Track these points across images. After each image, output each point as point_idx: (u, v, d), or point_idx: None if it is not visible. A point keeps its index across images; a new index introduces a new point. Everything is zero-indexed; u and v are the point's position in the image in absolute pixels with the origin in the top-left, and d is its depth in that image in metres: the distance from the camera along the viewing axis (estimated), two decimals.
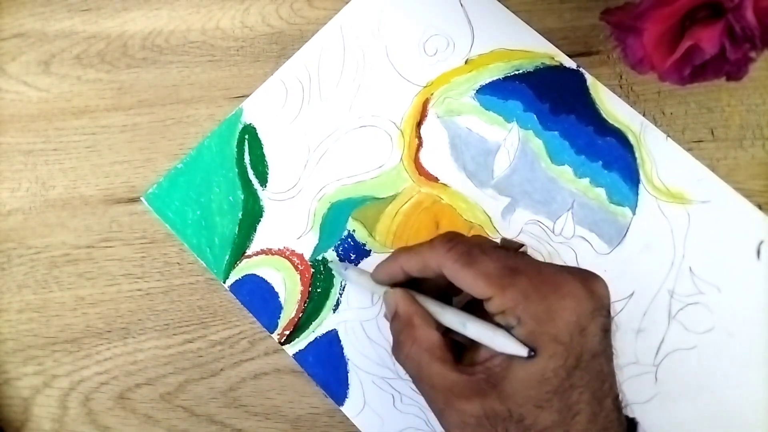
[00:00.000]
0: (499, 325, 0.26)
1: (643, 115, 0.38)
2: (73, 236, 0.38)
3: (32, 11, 0.41)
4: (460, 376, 0.26)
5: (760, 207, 0.37)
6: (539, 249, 0.37)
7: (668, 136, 0.38)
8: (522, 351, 0.25)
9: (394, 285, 0.31)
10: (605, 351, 0.26)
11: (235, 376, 0.36)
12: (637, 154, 0.38)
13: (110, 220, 0.38)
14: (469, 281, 0.26)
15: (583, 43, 0.40)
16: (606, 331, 0.26)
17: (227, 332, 0.37)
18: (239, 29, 0.41)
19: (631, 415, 0.29)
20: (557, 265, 0.28)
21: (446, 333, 0.29)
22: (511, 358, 0.25)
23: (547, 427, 0.25)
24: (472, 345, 0.28)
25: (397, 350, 0.29)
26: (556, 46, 0.40)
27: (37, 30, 0.41)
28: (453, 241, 0.28)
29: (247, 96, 0.40)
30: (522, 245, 0.30)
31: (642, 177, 0.38)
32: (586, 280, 0.27)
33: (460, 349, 0.29)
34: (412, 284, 0.30)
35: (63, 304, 0.37)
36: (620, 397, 0.27)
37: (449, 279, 0.27)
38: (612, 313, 0.27)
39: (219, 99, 0.40)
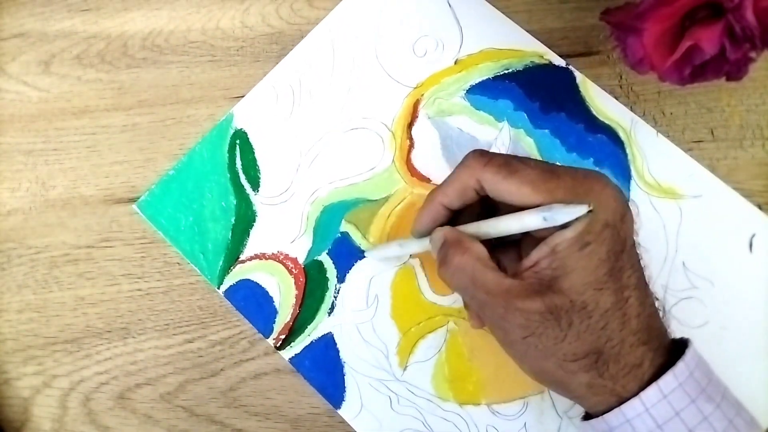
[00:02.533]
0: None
1: (643, 115, 0.38)
2: (73, 236, 0.38)
3: (32, 11, 0.41)
4: (514, 280, 0.27)
5: (760, 207, 0.37)
6: None
7: (668, 136, 0.38)
8: (582, 209, 0.25)
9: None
10: (637, 245, 0.28)
11: (235, 376, 0.36)
12: (627, 151, 0.38)
13: (110, 220, 0.38)
14: (514, 190, 0.27)
15: (583, 43, 0.40)
16: (633, 225, 0.28)
17: (227, 332, 0.37)
18: (239, 29, 0.41)
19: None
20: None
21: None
22: (562, 252, 0.26)
23: (608, 309, 0.26)
24: (512, 260, 0.30)
25: (445, 265, 0.28)
26: (556, 46, 0.40)
27: (37, 30, 0.41)
28: (487, 155, 0.28)
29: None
30: None
31: (633, 173, 0.38)
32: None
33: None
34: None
35: (63, 304, 0.37)
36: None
37: (491, 194, 0.28)
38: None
39: (219, 99, 0.40)
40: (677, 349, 0.28)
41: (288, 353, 0.36)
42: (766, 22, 0.28)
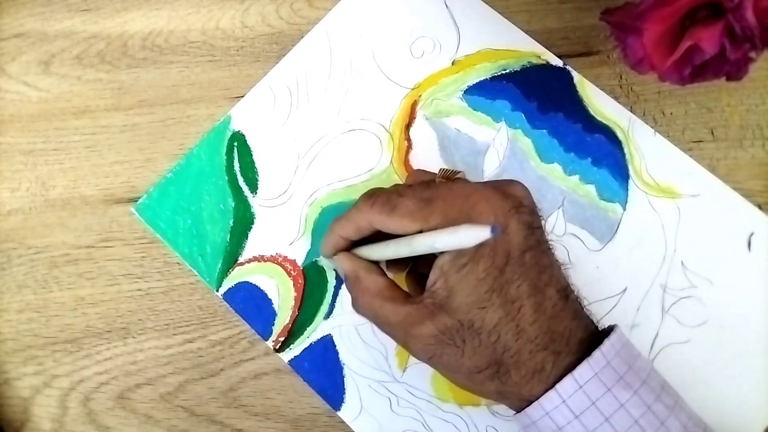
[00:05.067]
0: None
1: (643, 115, 0.38)
2: (73, 236, 0.38)
3: (32, 11, 0.41)
4: (410, 307, 0.28)
5: (760, 207, 0.37)
6: None
7: (668, 136, 0.38)
8: (485, 231, 0.24)
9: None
10: (537, 245, 0.28)
11: (235, 376, 0.36)
12: (625, 150, 0.38)
13: (110, 220, 0.38)
14: (397, 224, 0.28)
15: (583, 43, 0.40)
16: (532, 227, 0.28)
17: (227, 332, 0.37)
18: (239, 29, 0.41)
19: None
20: (472, 183, 0.30)
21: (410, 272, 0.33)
22: (447, 272, 0.27)
23: (496, 324, 0.27)
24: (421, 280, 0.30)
25: (355, 304, 0.31)
26: (556, 47, 0.40)
27: (37, 30, 0.41)
28: (373, 196, 0.29)
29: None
30: (459, 171, 0.31)
31: (631, 173, 0.38)
32: (500, 185, 0.29)
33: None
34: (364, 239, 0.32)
35: (63, 304, 0.37)
36: (574, 290, 0.29)
37: (382, 230, 0.29)
38: (539, 212, 0.29)
39: (219, 99, 0.40)
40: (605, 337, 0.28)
41: (287, 355, 0.36)
42: (766, 22, 0.28)
